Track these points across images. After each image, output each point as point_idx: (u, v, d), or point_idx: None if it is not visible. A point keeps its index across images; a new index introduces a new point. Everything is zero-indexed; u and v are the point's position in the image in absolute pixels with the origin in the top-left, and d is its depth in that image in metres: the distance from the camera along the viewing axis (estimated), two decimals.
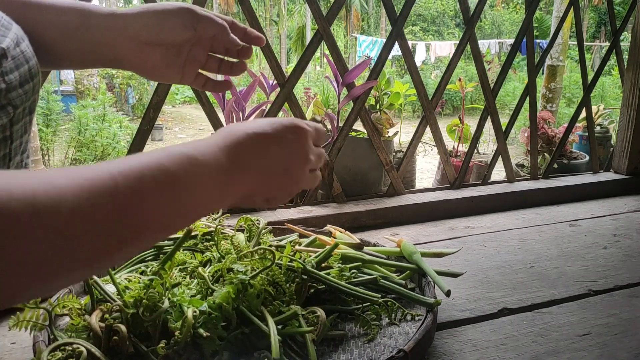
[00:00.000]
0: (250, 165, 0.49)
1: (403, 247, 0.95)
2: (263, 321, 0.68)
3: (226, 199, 0.48)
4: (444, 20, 25.34)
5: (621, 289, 1.05)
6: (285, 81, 1.38)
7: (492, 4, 22.44)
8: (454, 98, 11.54)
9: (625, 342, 0.84)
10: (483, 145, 4.11)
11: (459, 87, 2.71)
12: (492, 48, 13.22)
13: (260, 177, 0.50)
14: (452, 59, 1.62)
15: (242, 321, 0.69)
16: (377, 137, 1.54)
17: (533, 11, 1.68)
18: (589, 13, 19.00)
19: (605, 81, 9.30)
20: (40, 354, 0.60)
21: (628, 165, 1.87)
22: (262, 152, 0.50)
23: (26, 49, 0.52)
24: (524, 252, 1.24)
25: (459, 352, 0.80)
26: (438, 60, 14.68)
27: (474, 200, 1.60)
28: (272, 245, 0.87)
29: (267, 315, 0.68)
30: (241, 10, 1.30)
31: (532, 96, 1.78)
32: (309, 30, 18.35)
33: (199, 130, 9.89)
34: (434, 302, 0.80)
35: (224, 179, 0.47)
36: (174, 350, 0.63)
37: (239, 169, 0.48)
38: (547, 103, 5.41)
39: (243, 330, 0.68)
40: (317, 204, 1.50)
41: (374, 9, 21.77)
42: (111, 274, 0.71)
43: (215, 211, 0.48)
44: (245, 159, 0.49)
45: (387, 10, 1.47)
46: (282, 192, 0.54)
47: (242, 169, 0.48)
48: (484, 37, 20.53)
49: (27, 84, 0.51)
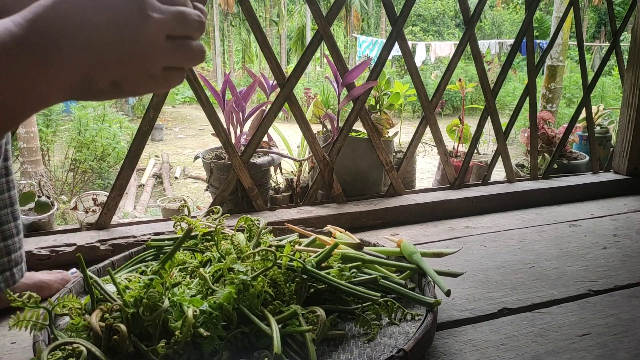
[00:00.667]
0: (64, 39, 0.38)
1: (403, 247, 0.95)
2: (263, 321, 0.68)
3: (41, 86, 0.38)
4: (444, 21, 25.35)
5: (621, 289, 1.05)
6: (285, 81, 1.38)
7: (492, 4, 22.45)
8: (454, 98, 11.54)
9: (625, 342, 0.84)
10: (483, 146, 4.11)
11: (459, 88, 2.71)
12: (492, 48, 13.22)
13: (83, 53, 0.39)
14: (452, 59, 1.62)
15: (242, 320, 0.69)
16: (377, 138, 1.54)
17: (533, 11, 1.68)
18: (589, 13, 19.01)
19: (605, 81, 9.30)
20: (40, 354, 0.60)
21: (628, 166, 1.87)
22: (78, 20, 0.38)
23: None
24: (524, 252, 1.24)
25: (459, 352, 0.80)
26: (438, 60, 14.68)
27: (474, 200, 1.60)
28: (272, 245, 0.87)
29: (268, 315, 0.68)
30: (241, 10, 1.30)
31: (532, 96, 1.78)
32: (309, 31, 18.35)
33: (199, 130, 9.89)
34: (434, 302, 0.80)
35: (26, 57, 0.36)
36: (174, 350, 0.63)
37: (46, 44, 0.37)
38: (547, 103, 5.41)
39: (243, 330, 0.68)
40: (317, 204, 1.50)
41: (374, 9, 21.77)
42: (111, 274, 0.71)
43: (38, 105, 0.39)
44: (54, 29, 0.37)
45: (387, 10, 1.47)
46: (127, 69, 0.41)
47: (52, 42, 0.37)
48: (484, 38, 20.53)
49: None
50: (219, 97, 1.47)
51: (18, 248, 0.90)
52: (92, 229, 1.27)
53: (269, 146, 1.66)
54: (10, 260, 0.88)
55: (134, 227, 1.28)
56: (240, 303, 0.68)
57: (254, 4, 16.08)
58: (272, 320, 0.66)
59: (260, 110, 1.57)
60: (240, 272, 0.71)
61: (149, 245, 0.93)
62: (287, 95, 1.39)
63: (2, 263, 0.87)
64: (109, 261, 0.93)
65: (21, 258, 0.91)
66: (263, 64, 16.00)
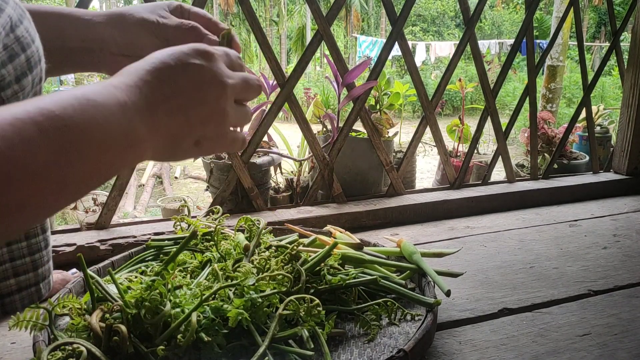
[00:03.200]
0: (159, 104, 0.43)
1: (403, 247, 0.95)
2: (264, 334, 0.67)
3: (139, 146, 0.41)
4: (444, 21, 25.34)
5: (621, 289, 1.05)
6: (285, 81, 1.38)
7: (492, 4, 22.45)
8: (454, 98, 11.54)
9: (625, 342, 0.84)
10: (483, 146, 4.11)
11: (459, 88, 2.71)
12: (492, 48, 13.22)
13: (175, 115, 0.44)
14: (452, 59, 1.62)
15: (242, 331, 0.69)
16: (377, 138, 1.54)
17: (533, 11, 1.68)
18: (589, 13, 19.01)
19: (605, 81, 9.30)
20: (40, 354, 0.60)
21: (628, 166, 1.87)
22: (170, 87, 0.43)
23: (24, 32, 0.44)
24: (524, 252, 1.24)
25: (459, 352, 0.80)
26: (438, 60, 14.68)
27: (474, 200, 1.60)
28: (272, 245, 0.87)
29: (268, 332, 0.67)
30: (241, 10, 1.30)
31: (532, 96, 1.78)
32: (309, 31, 18.35)
33: None
34: (434, 302, 0.80)
35: (128, 120, 0.40)
36: (173, 353, 0.63)
37: (146, 109, 0.42)
38: (547, 103, 5.41)
39: (242, 343, 0.68)
40: (317, 204, 1.50)
41: (374, 9, 21.77)
42: (112, 274, 0.71)
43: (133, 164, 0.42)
44: (151, 98, 0.42)
45: (387, 10, 1.47)
46: (208, 129, 0.46)
47: (150, 109, 0.42)
48: (484, 38, 20.53)
49: (25, 78, 0.44)
50: None
51: (46, 261, 0.83)
52: (92, 229, 1.27)
53: (269, 146, 1.66)
54: (37, 275, 0.82)
55: (134, 227, 1.28)
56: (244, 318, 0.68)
57: (254, 3, 16.08)
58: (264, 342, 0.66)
59: (260, 110, 1.57)
60: (252, 288, 0.69)
61: (149, 246, 0.93)
62: (287, 95, 1.39)
63: (27, 279, 0.80)
64: (109, 261, 0.93)
65: (49, 271, 0.85)
66: (263, 64, 16.00)
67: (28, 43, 0.45)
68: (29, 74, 0.45)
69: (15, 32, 0.43)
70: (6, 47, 0.42)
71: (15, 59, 0.43)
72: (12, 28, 0.43)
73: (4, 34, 0.42)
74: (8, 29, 0.42)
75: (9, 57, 0.42)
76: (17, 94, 0.44)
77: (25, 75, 0.44)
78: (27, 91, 0.45)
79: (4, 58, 0.42)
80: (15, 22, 0.44)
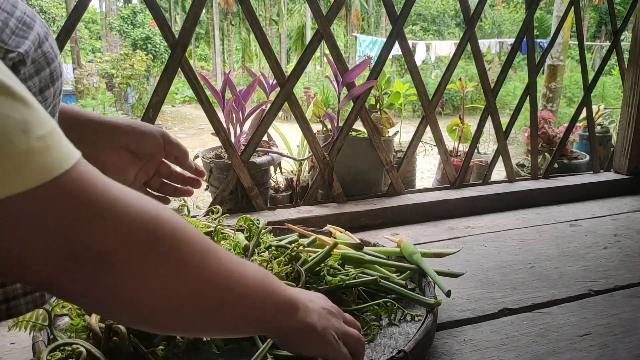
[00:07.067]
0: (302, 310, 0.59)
1: (403, 247, 0.95)
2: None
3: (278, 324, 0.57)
4: (444, 20, 25.34)
5: (621, 289, 1.05)
6: (285, 81, 1.38)
7: (493, 3, 22.43)
8: (454, 98, 11.53)
9: (626, 342, 0.84)
10: (483, 145, 4.10)
11: (459, 87, 2.71)
12: (492, 48, 13.20)
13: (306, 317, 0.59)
14: (452, 58, 1.62)
15: None
16: (377, 137, 1.54)
17: (533, 11, 1.68)
18: (589, 12, 18.99)
19: (605, 81, 9.28)
20: (39, 354, 0.60)
21: (628, 165, 1.87)
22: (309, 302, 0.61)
23: (49, 48, 0.48)
24: (524, 252, 1.24)
25: (459, 353, 0.80)
26: (438, 59, 14.66)
27: (474, 200, 1.60)
28: (272, 245, 0.86)
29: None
30: (241, 9, 1.29)
31: (533, 96, 1.78)
32: (309, 30, 18.35)
33: (198, 129, 9.89)
34: (434, 302, 0.79)
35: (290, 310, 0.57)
36: (173, 353, 0.63)
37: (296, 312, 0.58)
38: (548, 103, 5.40)
39: (241, 345, 0.68)
40: (317, 204, 1.50)
41: (374, 8, 21.76)
42: None
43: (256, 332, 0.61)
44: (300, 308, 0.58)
45: (387, 9, 1.47)
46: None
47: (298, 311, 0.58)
48: (484, 37, 20.53)
49: (48, 90, 0.47)
50: (218, 97, 1.47)
51: None
52: None
53: (269, 145, 1.66)
54: None
55: None
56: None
57: (253, 3, 16.04)
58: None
59: (260, 109, 1.57)
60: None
61: None
62: (287, 94, 1.39)
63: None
64: None
65: None
66: (263, 63, 16.00)
67: (52, 58, 0.48)
68: (51, 86, 0.48)
69: (42, 48, 0.46)
70: (34, 61, 0.45)
71: (41, 72, 0.46)
72: (40, 44, 0.46)
73: (33, 49, 0.45)
74: (37, 44, 0.45)
75: (35, 70, 0.45)
76: (41, 105, 0.47)
77: (47, 87, 0.47)
78: (48, 102, 0.48)
79: (32, 71, 0.45)
80: (42, 38, 0.47)
